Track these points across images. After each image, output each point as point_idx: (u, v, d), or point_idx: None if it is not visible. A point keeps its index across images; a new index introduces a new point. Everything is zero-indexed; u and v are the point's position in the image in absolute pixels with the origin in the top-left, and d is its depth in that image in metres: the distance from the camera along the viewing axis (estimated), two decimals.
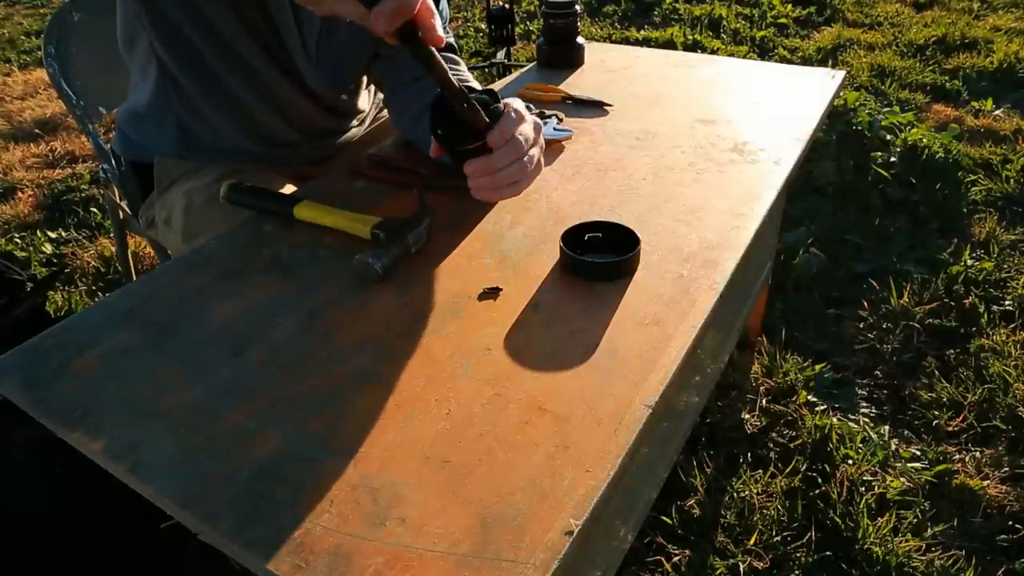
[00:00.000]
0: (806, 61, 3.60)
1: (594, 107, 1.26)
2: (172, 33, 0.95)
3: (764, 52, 3.75)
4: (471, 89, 0.86)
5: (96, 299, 2.09)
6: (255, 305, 0.77)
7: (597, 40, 3.01)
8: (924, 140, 2.42)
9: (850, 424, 1.55)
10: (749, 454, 1.50)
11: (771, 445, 1.52)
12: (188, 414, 0.64)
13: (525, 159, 0.81)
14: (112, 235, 2.27)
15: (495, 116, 0.79)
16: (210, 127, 1.05)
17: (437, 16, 0.70)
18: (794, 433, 1.54)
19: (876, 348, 1.78)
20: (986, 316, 1.83)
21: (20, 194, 2.72)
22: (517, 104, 0.82)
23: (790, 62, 3.58)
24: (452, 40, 1.11)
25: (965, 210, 2.28)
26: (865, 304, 1.91)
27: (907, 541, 1.31)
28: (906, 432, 1.56)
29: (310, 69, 1.02)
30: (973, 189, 2.37)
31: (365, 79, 1.22)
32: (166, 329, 0.74)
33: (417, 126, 1.02)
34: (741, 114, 1.21)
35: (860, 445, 1.49)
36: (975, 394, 1.61)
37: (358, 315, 0.75)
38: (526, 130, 0.81)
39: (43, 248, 2.35)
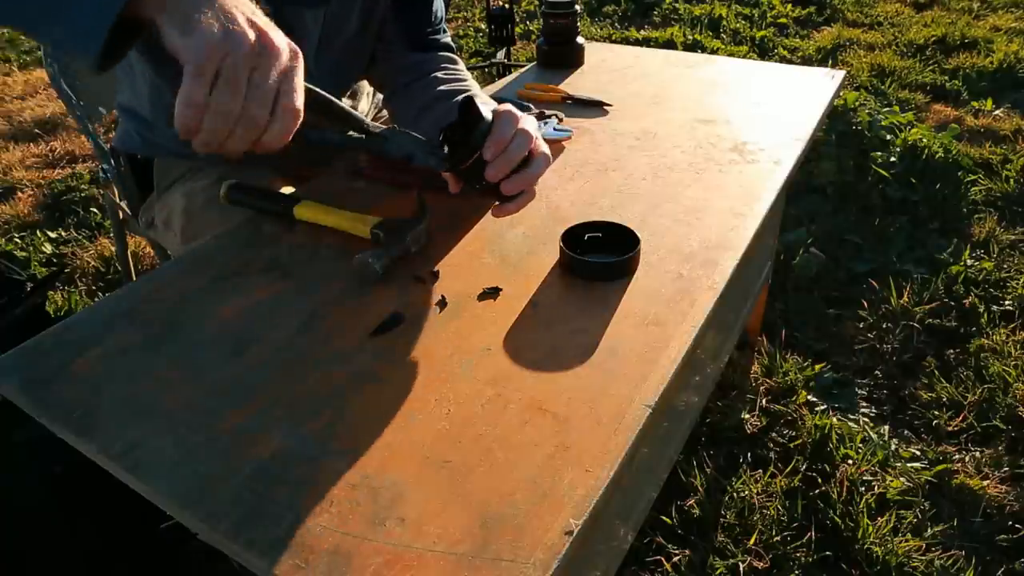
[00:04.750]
0: (806, 61, 3.60)
1: (594, 107, 1.26)
2: (172, 69, 0.96)
3: (764, 52, 3.75)
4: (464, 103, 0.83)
5: (96, 299, 2.09)
6: (255, 305, 0.77)
7: (597, 40, 3.01)
8: (924, 140, 2.42)
9: (850, 424, 1.55)
10: (749, 454, 1.50)
11: (771, 445, 1.52)
12: (188, 414, 0.64)
13: (543, 147, 0.80)
14: (112, 235, 2.27)
15: (483, 133, 0.77)
16: None
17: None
18: (794, 433, 1.54)
19: (876, 348, 1.78)
20: (986, 316, 1.83)
21: (20, 194, 2.72)
22: (509, 107, 0.80)
23: (790, 62, 3.59)
24: (449, 40, 1.11)
25: (965, 210, 2.28)
26: (865, 304, 1.91)
27: (907, 541, 1.31)
28: (906, 432, 1.56)
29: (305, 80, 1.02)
30: (973, 189, 2.37)
31: (364, 82, 1.22)
32: (166, 329, 0.74)
33: (417, 127, 1.02)
34: (741, 114, 1.21)
35: (860, 445, 1.49)
36: (975, 394, 1.61)
37: (358, 315, 0.75)
38: (527, 125, 0.79)
39: (43, 248, 2.35)
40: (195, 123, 0.57)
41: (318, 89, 0.67)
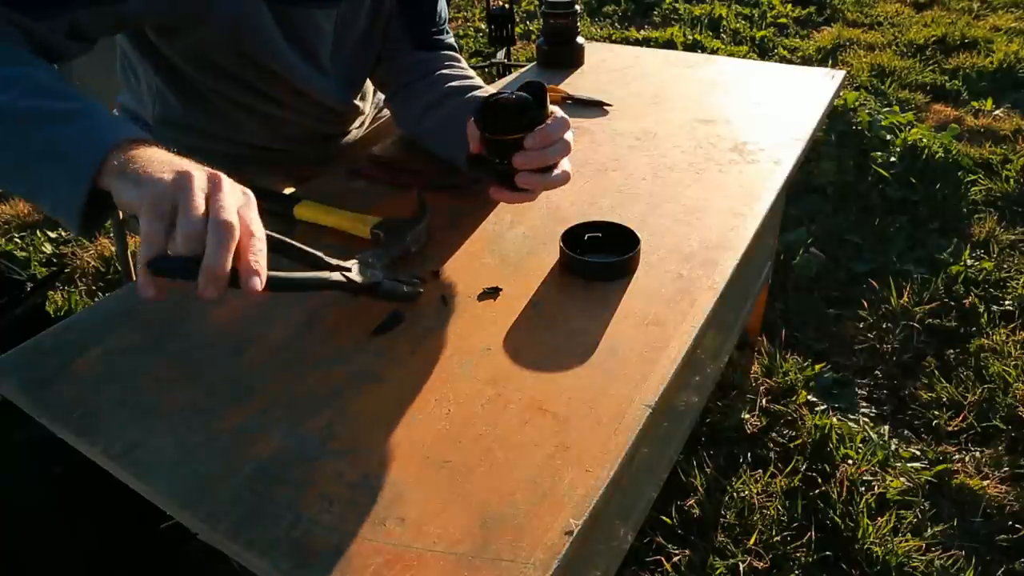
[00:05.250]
0: (806, 61, 3.60)
1: (594, 107, 1.26)
2: (175, 74, 0.97)
3: (764, 52, 3.75)
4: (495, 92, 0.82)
5: (96, 299, 2.09)
6: (255, 305, 0.77)
7: (597, 40, 3.01)
8: (924, 140, 2.42)
9: (850, 424, 1.55)
10: (749, 454, 1.50)
11: (771, 445, 1.52)
12: (188, 414, 0.64)
13: (567, 164, 0.81)
14: (112, 235, 2.27)
15: (538, 120, 0.77)
16: (208, 140, 1.05)
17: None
18: (794, 433, 1.54)
19: (876, 348, 1.78)
20: (986, 316, 1.83)
21: None
22: (562, 113, 0.81)
23: (790, 62, 3.59)
24: (452, 40, 1.11)
25: (965, 210, 2.28)
26: (865, 304, 1.91)
27: (907, 541, 1.31)
28: (906, 432, 1.56)
29: (322, 82, 1.02)
30: (973, 189, 2.37)
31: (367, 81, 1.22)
32: (166, 329, 0.74)
33: (422, 124, 1.02)
34: (741, 114, 1.21)
35: (860, 445, 1.49)
36: (975, 394, 1.61)
37: (358, 315, 0.75)
38: (569, 137, 0.81)
39: (43, 248, 2.35)
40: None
41: (272, 233, 0.65)
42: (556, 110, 0.81)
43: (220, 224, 0.55)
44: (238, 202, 0.59)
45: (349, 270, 0.71)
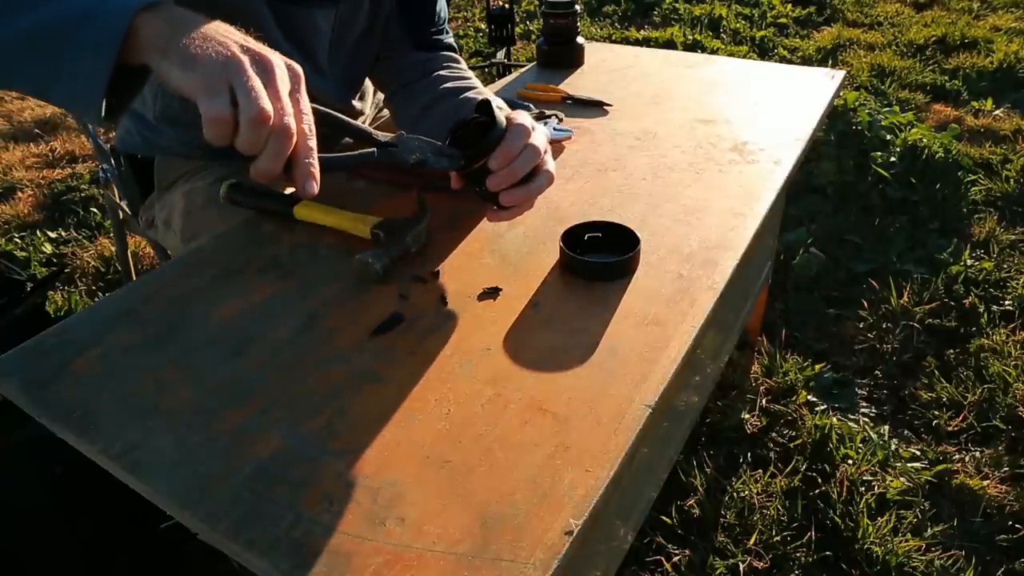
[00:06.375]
0: (806, 61, 3.60)
1: (594, 107, 1.26)
2: None
3: (764, 52, 3.75)
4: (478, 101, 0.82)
5: (96, 299, 2.09)
6: (255, 305, 0.77)
7: (597, 40, 3.01)
8: (924, 140, 2.42)
9: (850, 424, 1.55)
10: (749, 454, 1.50)
11: (771, 445, 1.52)
12: (188, 414, 0.64)
13: (550, 164, 0.80)
14: (112, 235, 2.27)
15: (496, 139, 0.76)
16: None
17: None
18: (794, 433, 1.54)
19: (876, 348, 1.78)
20: (986, 316, 1.83)
21: (20, 194, 2.72)
22: (523, 119, 0.79)
23: (790, 62, 3.59)
24: (452, 41, 1.12)
25: (965, 210, 2.28)
26: (865, 304, 1.91)
27: (907, 541, 1.31)
28: (906, 432, 1.56)
29: (319, 82, 1.02)
30: (973, 189, 2.37)
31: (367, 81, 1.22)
32: (166, 329, 0.74)
33: (419, 125, 1.02)
34: (741, 114, 1.21)
35: (860, 445, 1.49)
36: (975, 394, 1.61)
37: (358, 315, 0.75)
38: (537, 140, 0.78)
39: (43, 248, 2.35)
40: (227, 141, 0.58)
41: (321, 107, 0.67)
42: (518, 117, 0.78)
43: (279, 133, 0.56)
44: (289, 88, 0.59)
45: (395, 146, 0.71)
